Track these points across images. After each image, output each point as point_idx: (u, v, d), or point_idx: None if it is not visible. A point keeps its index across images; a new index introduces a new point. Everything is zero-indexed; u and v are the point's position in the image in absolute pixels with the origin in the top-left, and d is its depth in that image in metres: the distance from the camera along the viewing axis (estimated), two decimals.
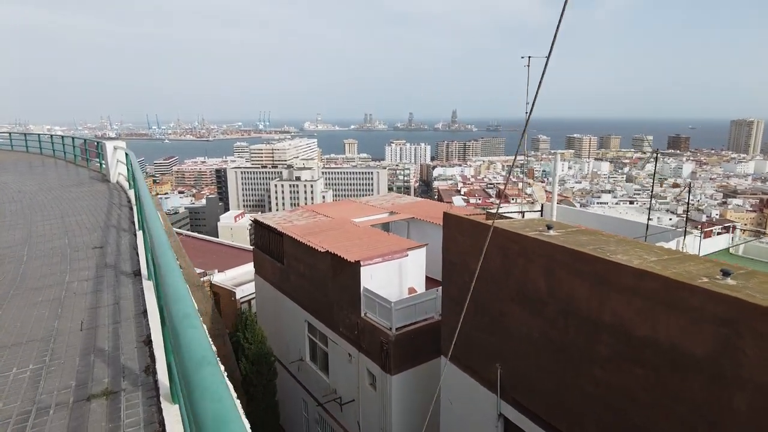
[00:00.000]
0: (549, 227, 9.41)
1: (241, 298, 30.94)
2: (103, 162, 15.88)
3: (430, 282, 16.00)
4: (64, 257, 7.77)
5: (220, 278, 31.84)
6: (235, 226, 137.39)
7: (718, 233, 15.85)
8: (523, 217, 13.58)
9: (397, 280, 14.45)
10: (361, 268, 13.56)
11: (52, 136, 21.52)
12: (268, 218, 19.72)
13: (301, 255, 16.95)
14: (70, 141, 19.23)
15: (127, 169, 11.93)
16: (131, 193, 11.93)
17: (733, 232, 16.27)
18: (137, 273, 6.87)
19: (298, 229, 17.54)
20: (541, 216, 17.55)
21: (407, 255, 14.48)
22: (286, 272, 18.18)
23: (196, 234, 46.47)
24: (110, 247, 8.18)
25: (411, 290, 14.84)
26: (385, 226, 19.83)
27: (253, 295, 31.98)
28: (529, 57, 15.84)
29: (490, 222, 8.97)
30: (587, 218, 13.94)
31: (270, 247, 19.34)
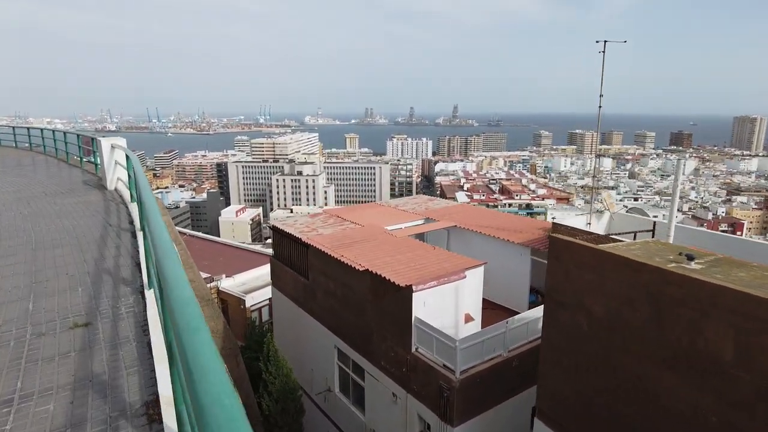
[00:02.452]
0: (690, 257, 7.02)
1: (251, 306, 28.51)
2: (99, 163, 13.33)
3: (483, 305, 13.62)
4: (15, 354, 4.31)
5: (228, 284, 29.36)
6: (236, 221, 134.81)
7: None
8: (616, 239, 11.16)
9: (453, 306, 12.06)
10: (414, 295, 11.16)
11: (42, 130, 19.07)
12: (288, 225, 17.29)
13: (331, 271, 14.54)
14: (61, 136, 16.66)
15: (129, 176, 9.26)
16: (134, 210, 9.30)
17: None
18: (152, 407, 3.54)
19: (326, 239, 15.12)
20: (595, 226, 15.18)
21: (465, 276, 12.09)
22: (312, 289, 15.78)
23: (200, 234, 43.96)
24: (103, 322, 4.80)
25: (467, 317, 12.46)
26: (420, 235, 17.43)
27: (265, 303, 29.57)
28: (605, 41, 13.31)
29: (627, 253, 6.56)
30: (685, 235, 11.61)
31: (291, 258, 16.91)
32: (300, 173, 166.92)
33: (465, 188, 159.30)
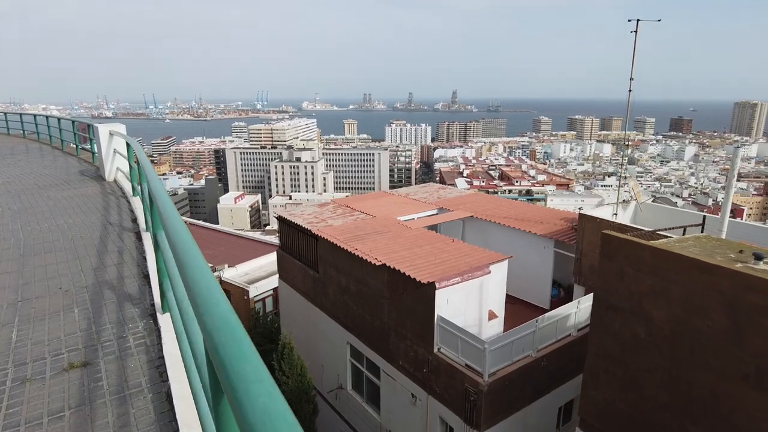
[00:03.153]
0: (758, 257, 6.27)
1: (254, 296, 27.85)
2: (96, 152, 12.35)
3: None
4: None
5: (231, 274, 28.64)
6: (235, 208, 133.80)
7: None
8: (664, 235, 10.39)
9: (477, 303, 11.34)
10: (437, 292, 10.43)
11: (35, 116, 18.08)
12: (296, 216, 16.49)
13: (343, 264, 13.79)
14: (56, 123, 15.68)
15: (130, 167, 8.20)
16: (136, 205, 8.34)
17: None
18: None
19: (337, 231, 14.35)
20: (621, 214, 14.41)
21: (490, 272, 11.35)
22: (322, 283, 15.04)
23: (201, 222, 43.12)
24: (106, 359, 3.71)
25: (491, 314, 11.76)
26: (434, 226, 16.67)
27: (269, 293, 28.91)
28: (638, 20, 12.39)
29: (688, 252, 5.80)
30: (732, 229, 10.85)
31: (300, 250, 16.14)
32: (299, 160, 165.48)
33: (464, 174, 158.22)
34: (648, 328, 6.23)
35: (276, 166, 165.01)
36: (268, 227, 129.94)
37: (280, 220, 17.12)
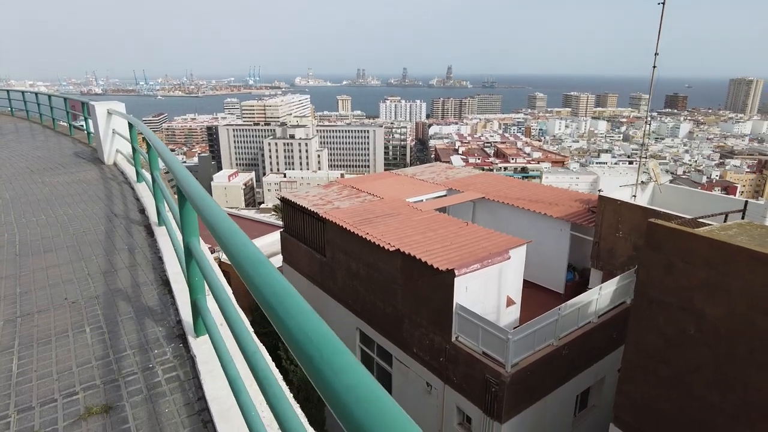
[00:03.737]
0: None
1: None
2: (92, 132, 11.54)
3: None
4: None
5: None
6: (229, 186, 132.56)
7: None
8: (705, 222, 9.92)
9: (495, 289, 10.91)
10: (456, 279, 9.97)
11: (24, 93, 17.16)
12: (301, 197, 15.90)
13: (352, 249, 13.28)
14: (46, 100, 14.80)
15: (134, 149, 7.32)
16: (142, 192, 7.47)
17: None
18: None
19: (345, 214, 13.81)
20: (637, 196, 13.95)
21: (509, 257, 10.89)
22: (330, 267, 14.56)
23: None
24: (131, 401, 3.00)
25: (509, 301, 11.35)
26: (443, 208, 16.16)
27: None
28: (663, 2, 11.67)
29: (742, 241, 5.33)
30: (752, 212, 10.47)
31: (305, 233, 15.61)
32: (292, 137, 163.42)
33: (460, 152, 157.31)
34: (699, 324, 5.81)
35: (269, 144, 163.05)
36: (262, 205, 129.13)
37: (284, 201, 16.52)
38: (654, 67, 12.28)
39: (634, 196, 13.39)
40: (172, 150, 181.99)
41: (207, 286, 2.70)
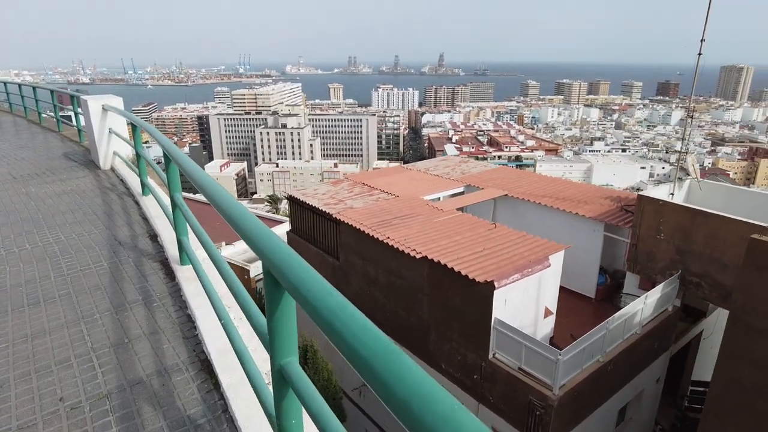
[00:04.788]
0: None
1: (256, 276, 26.32)
2: (82, 128, 10.22)
3: None
4: None
5: (229, 252, 26.95)
6: (221, 176, 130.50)
7: None
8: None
9: (534, 300, 9.97)
10: (495, 293, 9.00)
11: (6, 84, 15.79)
12: (309, 196, 14.83)
13: (370, 253, 12.27)
14: (31, 91, 13.36)
15: (138, 156, 5.99)
16: (150, 211, 6.08)
17: None
18: None
19: (361, 215, 12.76)
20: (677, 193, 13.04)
21: (550, 265, 9.94)
22: (344, 271, 13.55)
23: (191, 195, 40.93)
24: None
25: (547, 312, 10.43)
26: (460, 207, 15.17)
27: None
28: None
29: None
30: None
31: (316, 235, 14.55)
32: (284, 126, 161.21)
33: (453, 140, 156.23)
34: None
35: (261, 133, 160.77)
36: (255, 195, 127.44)
37: (292, 200, 15.43)
38: (699, 54, 11.29)
39: (672, 194, 12.47)
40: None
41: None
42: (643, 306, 10.16)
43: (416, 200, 13.96)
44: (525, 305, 9.78)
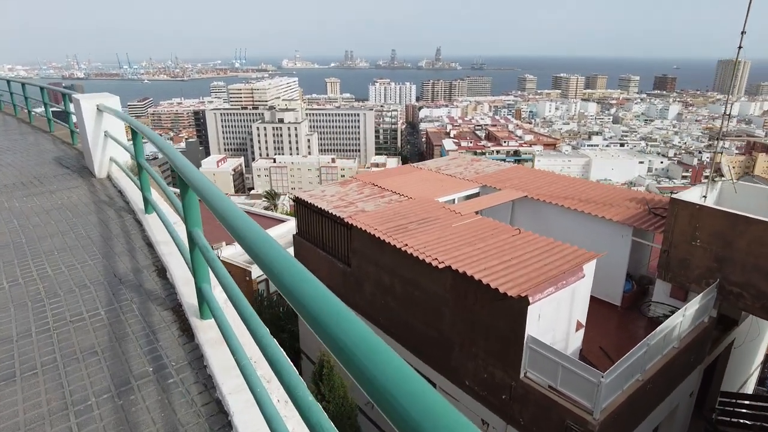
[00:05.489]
0: None
1: (257, 278, 25.57)
2: (76, 131, 9.29)
3: None
4: None
5: (229, 253, 26.18)
6: (218, 172, 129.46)
7: None
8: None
9: (566, 313, 9.26)
10: (530, 308, 8.27)
11: None
12: (317, 197, 14.05)
13: (385, 261, 11.52)
14: (19, 88, 12.39)
15: (140, 166, 5.08)
16: (154, 232, 5.25)
17: None
18: None
19: (375, 219, 12.00)
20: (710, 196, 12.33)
21: (584, 275, 9.23)
22: (355, 278, 12.80)
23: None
24: None
25: (578, 325, 9.72)
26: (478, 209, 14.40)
27: None
28: None
29: None
30: None
31: (325, 239, 13.79)
32: (281, 121, 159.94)
33: (451, 135, 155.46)
34: None
35: (258, 128, 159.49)
36: (252, 191, 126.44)
37: (298, 202, 14.65)
38: (740, 47, 10.54)
39: (705, 196, 11.76)
40: (159, 135, 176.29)
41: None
42: (682, 318, 9.47)
43: (431, 203, 13.20)
44: (557, 319, 9.07)
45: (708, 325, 10.50)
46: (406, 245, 10.38)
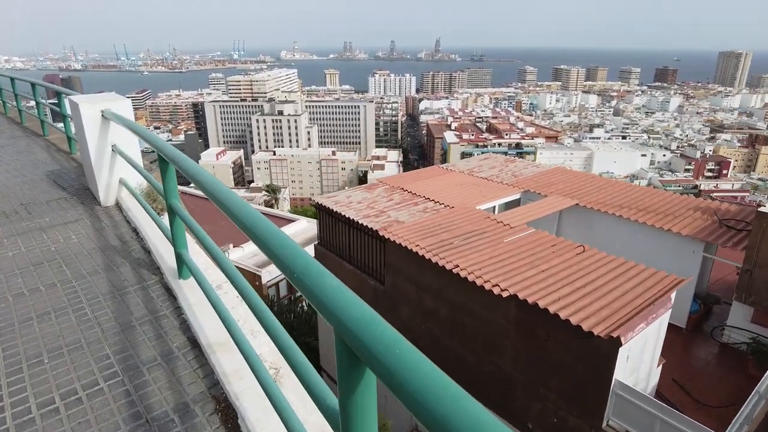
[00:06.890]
0: None
1: (267, 282, 24.21)
2: (74, 138, 7.68)
3: None
4: None
5: (237, 255, 24.78)
6: (217, 164, 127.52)
7: None
8: None
9: (651, 349, 7.93)
10: (620, 349, 6.92)
11: None
12: (342, 205, 12.64)
13: (429, 282, 10.14)
14: (8, 82, 10.74)
15: (168, 198, 3.21)
16: (193, 306, 3.41)
17: None
18: None
19: (414, 232, 10.60)
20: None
21: (671, 305, 7.88)
22: (390, 298, 11.43)
23: (192, 190, 38.59)
24: None
25: (660, 360, 8.39)
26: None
27: (282, 277, 25.30)
28: None
29: None
30: None
31: (352, 252, 12.41)
32: (281, 113, 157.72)
33: (452, 128, 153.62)
34: None
35: (258, 120, 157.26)
36: (252, 184, 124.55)
37: (320, 209, 13.25)
38: None
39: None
40: (157, 128, 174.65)
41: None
42: None
43: (473, 212, 11.81)
44: (642, 357, 7.75)
45: None
46: (458, 267, 9.01)
